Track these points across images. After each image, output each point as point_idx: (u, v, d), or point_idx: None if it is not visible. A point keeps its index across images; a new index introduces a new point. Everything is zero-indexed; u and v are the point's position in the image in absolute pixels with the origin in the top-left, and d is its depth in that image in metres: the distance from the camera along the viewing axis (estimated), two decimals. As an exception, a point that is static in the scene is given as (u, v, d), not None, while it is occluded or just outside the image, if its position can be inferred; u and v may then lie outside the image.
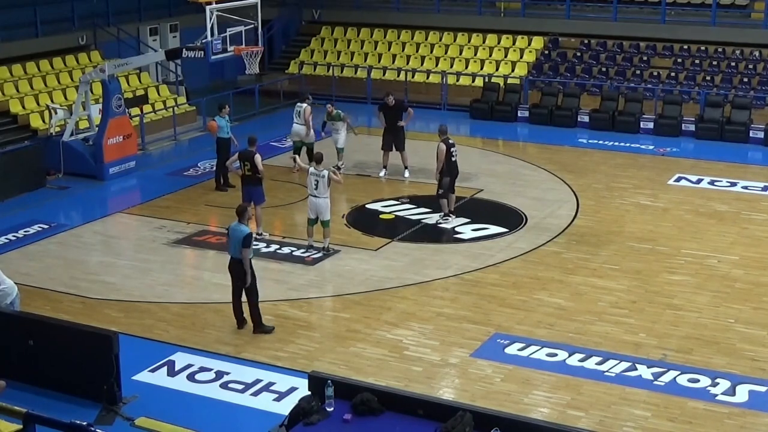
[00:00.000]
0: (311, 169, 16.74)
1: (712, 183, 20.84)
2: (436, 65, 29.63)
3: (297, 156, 20.46)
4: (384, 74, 29.71)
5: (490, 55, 29.50)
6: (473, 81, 28.49)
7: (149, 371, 12.71)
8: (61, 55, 26.03)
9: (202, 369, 12.77)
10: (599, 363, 12.81)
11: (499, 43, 29.78)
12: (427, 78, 29.17)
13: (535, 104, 26.85)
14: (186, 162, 22.77)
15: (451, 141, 18.26)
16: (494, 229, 18.07)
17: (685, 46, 27.91)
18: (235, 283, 13.68)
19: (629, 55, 28.31)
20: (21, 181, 20.48)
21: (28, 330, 12.26)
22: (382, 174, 21.32)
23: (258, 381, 12.39)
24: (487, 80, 27.92)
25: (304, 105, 21.31)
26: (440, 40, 30.40)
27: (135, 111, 24.13)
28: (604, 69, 28.05)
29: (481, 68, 29.11)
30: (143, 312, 14.68)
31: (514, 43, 29.62)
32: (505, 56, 29.36)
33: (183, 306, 14.93)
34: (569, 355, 13.02)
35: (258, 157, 17.34)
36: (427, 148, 18.66)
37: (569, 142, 24.52)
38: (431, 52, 30.18)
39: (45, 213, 19.32)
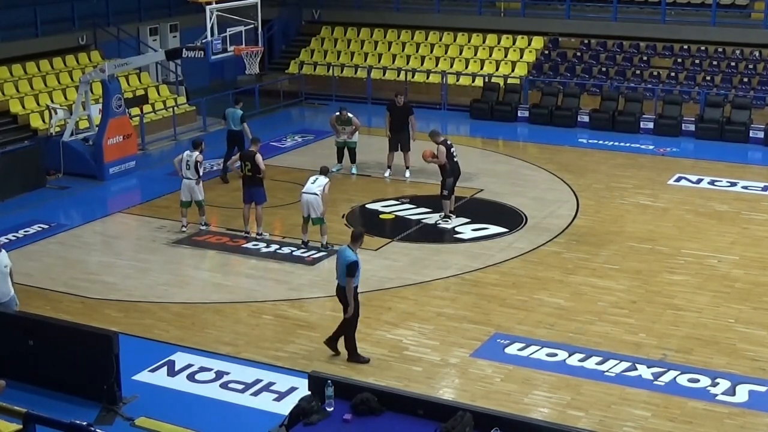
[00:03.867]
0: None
1: (712, 183, 20.83)
2: (436, 65, 29.62)
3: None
4: (384, 74, 29.70)
5: (490, 55, 29.49)
6: (473, 81, 28.48)
7: (149, 371, 12.71)
8: (61, 55, 26.02)
9: (202, 369, 12.77)
10: (599, 363, 12.80)
11: (499, 43, 29.77)
12: (427, 78, 29.16)
13: (535, 104, 26.84)
14: (186, 162, 22.76)
15: (449, 142, 18.36)
16: (494, 229, 18.07)
17: (685, 46, 27.90)
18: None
19: (629, 55, 28.30)
20: (21, 181, 20.49)
21: (28, 330, 12.25)
22: (386, 174, 21.36)
23: (258, 381, 12.39)
24: (487, 80, 27.92)
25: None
26: (440, 40, 30.39)
27: (135, 111, 24.13)
28: (604, 69, 28.05)
29: (481, 68, 29.10)
30: (143, 312, 14.68)
31: (514, 43, 29.61)
32: (505, 56, 29.35)
33: (183, 306, 14.93)
34: (569, 355, 13.02)
35: (259, 157, 17.38)
36: (427, 148, 18.68)
37: (569, 142, 24.51)
38: (431, 52, 30.17)
39: (45, 213, 19.32)
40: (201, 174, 17.87)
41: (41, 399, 11.49)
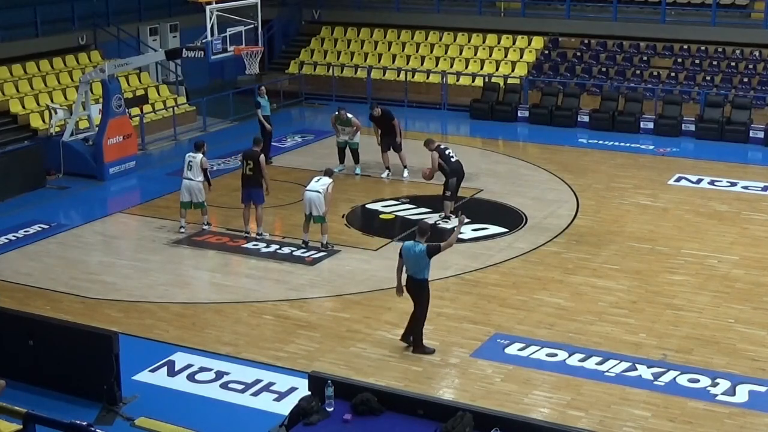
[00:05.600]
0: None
1: (712, 183, 20.83)
2: (436, 65, 29.62)
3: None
4: (384, 74, 29.71)
5: (490, 55, 29.49)
6: (473, 81, 28.48)
7: (149, 371, 12.71)
8: (61, 55, 26.02)
9: (202, 369, 12.77)
10: (599, 363, 12.80)
11: (499, 43, 29.77)
12: (427, 78, 29.16)
13: (535, 104, 26.84)
14: (186, 162, 22.76)
15: (443, 146, 18.46)
16: (494, 229, 18.07)
17: (685, 46, 27.90)
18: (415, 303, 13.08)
19: (629, 55, 28.30)
20: (21, 181, 20.49)
21: (28, 330, 12.25)
22: (384, 175, 21.38)
23: (258, 381, 12.39)
24: (487, 80, 27.92)
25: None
26: (440, 40, 30.39)
27: (135, 111, 24.13)
28: (604, 69, 28.05)
29: (481, 68, 29.10)
30: (143, 312, 14.68)
31: (514, 43, 29.61)
32: (505, 56, 29.35)
33: (183, 306, 14.93)
34: (569, 355, 13.02)
35: (263, 158, 17.40)
36: (424, 168, 18.78)
37: (569, 142, 24.51)
38: (431, 52, 30.18)
39: (45, 213, 19.32)
40: (210, 177, 17.85)
41: (41, 399, 11.49)
